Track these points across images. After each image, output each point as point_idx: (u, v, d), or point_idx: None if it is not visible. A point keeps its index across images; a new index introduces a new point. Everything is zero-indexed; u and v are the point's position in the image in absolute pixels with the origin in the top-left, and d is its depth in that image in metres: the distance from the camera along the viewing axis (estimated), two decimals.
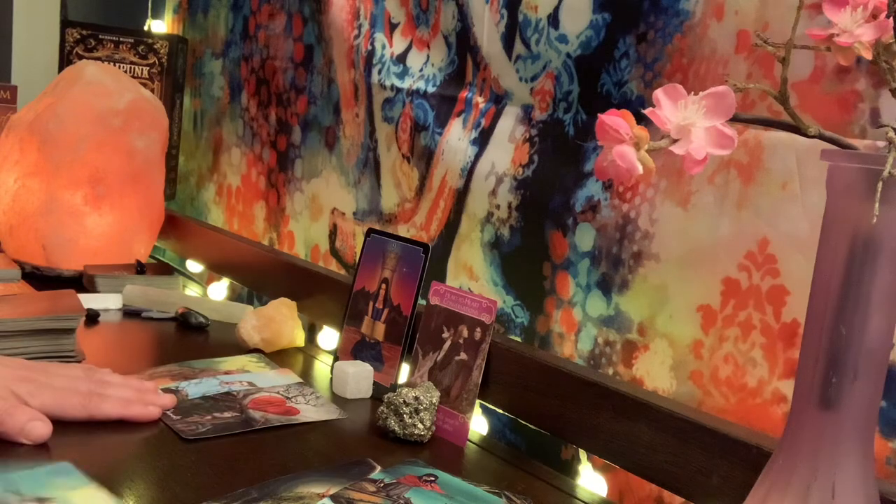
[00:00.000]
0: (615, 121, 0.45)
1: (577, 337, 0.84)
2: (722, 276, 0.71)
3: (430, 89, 1.03)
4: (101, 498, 0.62)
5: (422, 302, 0.91)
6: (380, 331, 0.95)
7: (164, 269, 1.34)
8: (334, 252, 1.22)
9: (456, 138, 0.99)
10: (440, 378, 0.85)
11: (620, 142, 0.45)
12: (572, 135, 0.85)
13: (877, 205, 0.40)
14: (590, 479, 0.81)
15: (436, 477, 0.71)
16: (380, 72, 1.11)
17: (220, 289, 1.41)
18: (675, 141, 0.45)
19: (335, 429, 0.83)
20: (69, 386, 0.76)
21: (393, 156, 1.09)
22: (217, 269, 1.38)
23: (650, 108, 0.46)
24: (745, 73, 0.70)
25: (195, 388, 0.87)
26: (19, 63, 1.77)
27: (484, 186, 0.94)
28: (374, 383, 0.92)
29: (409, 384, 0.88)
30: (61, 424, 0.72)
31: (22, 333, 0.89)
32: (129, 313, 1.16)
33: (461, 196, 0.98)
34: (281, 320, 1.05)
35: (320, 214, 1.24)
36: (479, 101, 0.96)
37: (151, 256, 1.45)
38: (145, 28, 1.70)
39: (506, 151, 0.92)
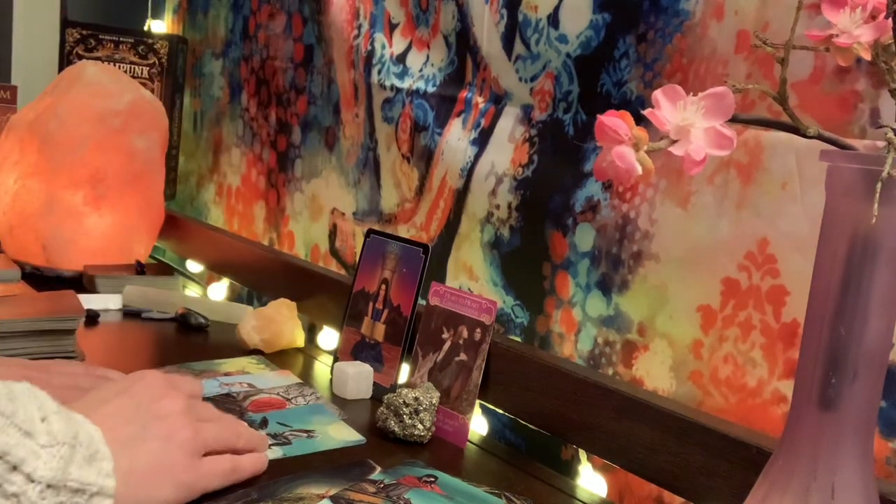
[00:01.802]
0: (614, 121, 0.45)
1: (577, 337, 0.84)
2: (722, 276, 0.71)
3: (430, 89, 1.03)
4: (351, 432, 0.79)
5: (422, 302, 0.91)
6: (380, 331, 0.95)
7: (164, 270, 1.34)
8: (334, 252, 1.22)
9: (456, 138, 0.99)
10: (440, 379, 0.85)
11: (619, 142, 0.45)
12: (572, 135, 0.85)
13: (876, 205, 0.40)
14: (590, 479, 0.81)
15: (436, 478, 0.71)
16: (380, 72, 1.11)
17: (220, 289, 1.41)
18: (674, 142, 0.45)
19: None
20: (70, 384, 0.75)
21: (393, 156, 1.09)
22: (217, 269, 1.38)
23: (649, 109, 0.46)
24: (745, 73, 0.70)
25: None
26: (19, 63, 1.77)
27: (484, 186, 0.94)
28: (374, 384, 0.92)
29: (409, 385, 0.88)
30: None
31: (22, 334, 0.89)
32: (129, 314, 1.16)
33: (461, 196, 0.98)
34: (281, 321, 1.05)
35: (320, 214, 1.24)
36: (479, 101, 0.96)
37: (151, 257, 1.45)
38: (145, 28, 1.70)
39: (505, 151, 0.92)
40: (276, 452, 0.73)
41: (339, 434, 0.79)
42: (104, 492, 0.51)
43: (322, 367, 1.02)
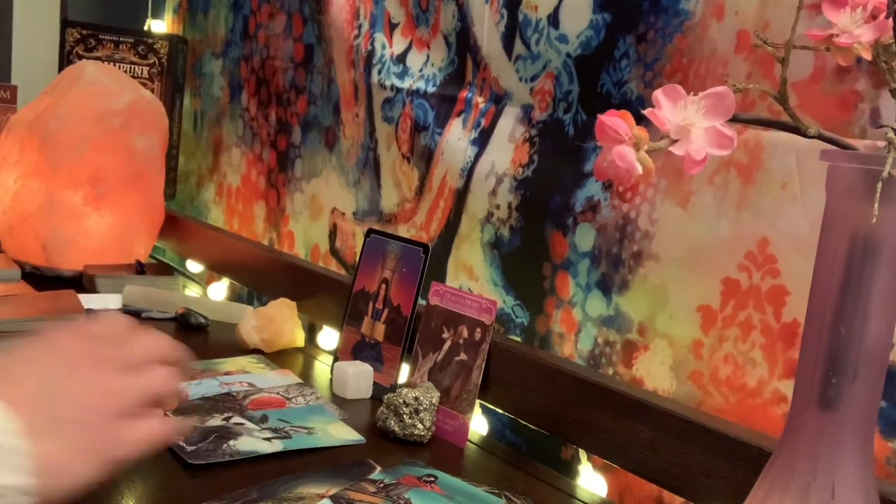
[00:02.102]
0: (615, 121, 0.45)
1: (577, 337, 0.84)
2: (722, 276, 0.71)
3: (430, 89, 1.03)
4: (350, 431, 0.80)
5: (422, 302, 0.91)
6: (380, 331, 0.95)
7: (164, 269, 1.34)
8: (334, 252, 1.22)
9: (456, 138, 0.99)
10: (440, 378, 0.85)
11: (620, 142, 0.45)
12: (572, 135, 0.85)
13: (876, 205, 0.40)
14: (590, 479, 0.81)
15: (436, 477, 0.71)
16: (380, 72, 1.11)
17: (220, 289, 1.41)
18: (674, 141, 0.45)
19: None
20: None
21: (393, 156, 1.09)
22: (217, 269, 1.38)
23: (650, 109, 0.46)
24: (745, 73, 0.70)
25: (195, 389, 0.86)
26: (19, 63, 1.77)
27: (484, 186, 0.94)
28: (374, 384, 0.92)
29: (409, 385, 0.88)
30: None
31: (22, 333, 0.89)
32: (129, 313, 1.16)
33: (461, 196, 0.98)
34: (281, 321, 1.05)
35: (320, 214, 1.24)
36: (479, 101, 0.96)
37: (151, 256, 1.45)
38: (145, 28, 1.70)
39: (506, 151, 0.92)
40: (276, 445, 0.73)
41: (339, 433, 0.79)
42: (28, 491, 0.51)
43: (322, 367, 1.02)
